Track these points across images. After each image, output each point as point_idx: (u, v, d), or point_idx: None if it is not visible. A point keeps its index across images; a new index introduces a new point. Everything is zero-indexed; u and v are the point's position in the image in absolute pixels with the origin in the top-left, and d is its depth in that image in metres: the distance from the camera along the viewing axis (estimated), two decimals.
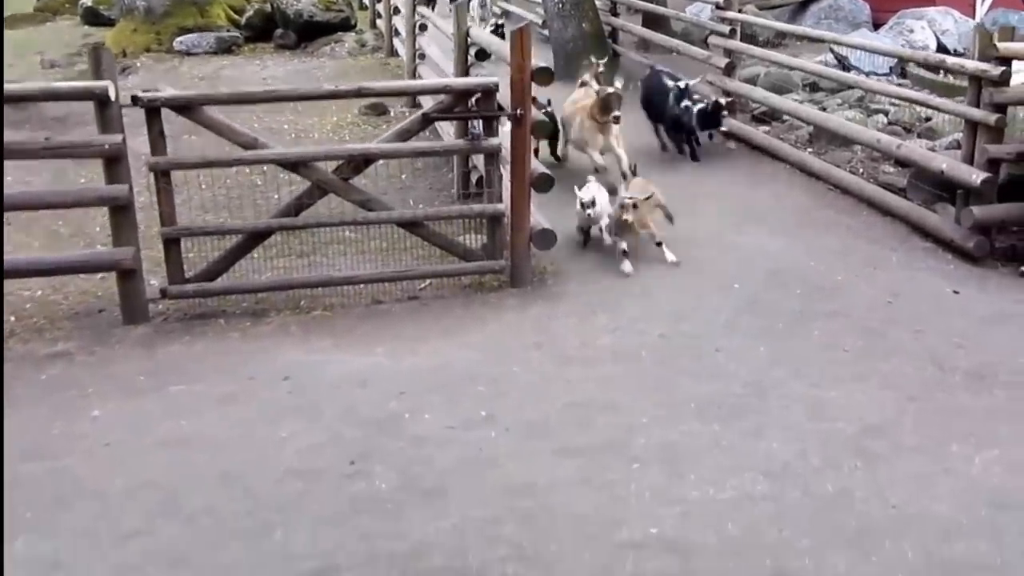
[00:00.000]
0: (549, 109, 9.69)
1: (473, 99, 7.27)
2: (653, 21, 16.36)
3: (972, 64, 8.05)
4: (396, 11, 16.12)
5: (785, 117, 11.82)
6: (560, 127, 9.99)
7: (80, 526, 4.52)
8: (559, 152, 10.25)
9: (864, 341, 6.45)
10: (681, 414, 5.46)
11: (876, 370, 6.05)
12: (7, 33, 20.85)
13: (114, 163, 6.65)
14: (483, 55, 9.55)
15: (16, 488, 4.79)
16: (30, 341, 6.64)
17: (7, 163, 9.56)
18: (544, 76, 7.33)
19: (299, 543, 4.35)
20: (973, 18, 16.86)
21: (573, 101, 9.91)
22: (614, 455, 5.03)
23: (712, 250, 7.92)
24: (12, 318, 6.98)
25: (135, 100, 6.61)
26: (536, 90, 7.35)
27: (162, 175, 6.80)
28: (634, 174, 8.76)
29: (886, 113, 11.58)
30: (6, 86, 6.90)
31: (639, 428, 5.30)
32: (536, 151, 8.48)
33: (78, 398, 5.81)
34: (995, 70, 7.71)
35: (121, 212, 6.76)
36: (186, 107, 6.84)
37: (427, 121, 7.46)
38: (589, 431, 5.28)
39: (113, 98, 6.51)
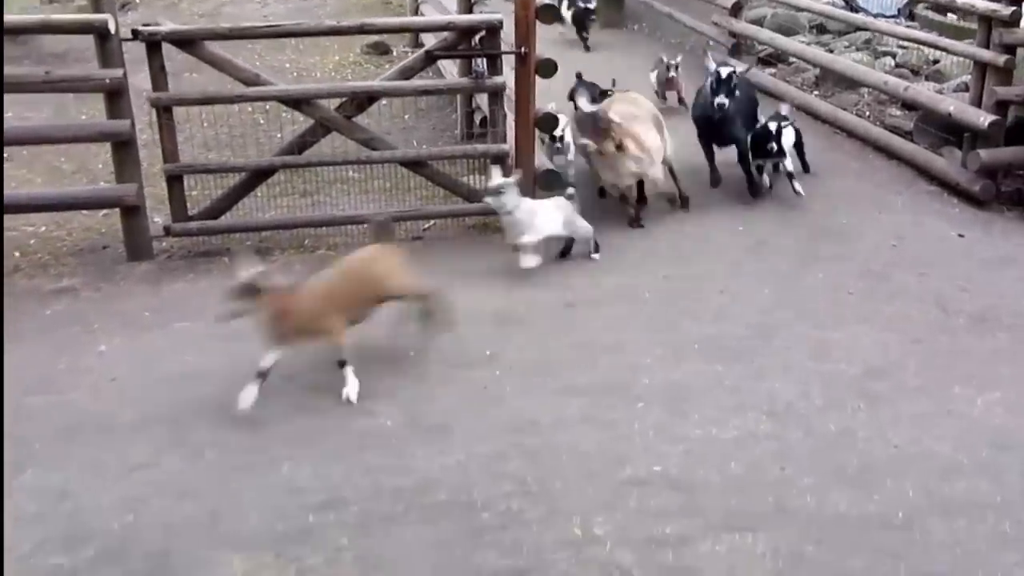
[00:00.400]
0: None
1: (477, 37, 7.19)
2: None
3: (982, 4, 7.95)
4: None
5: (791, 59, 11.71)
6: None
7: (87, 458, 4.55)
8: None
9: (869, 284, 6.45)
10: (685, 354, 5.48)
11: (880, 312, 6.06)
12: None
13: (115, 98, 6.60)
14: None
15: (24, 421, 4.83)
16: (35, 277, 6.65)
17: (7, 97, 9.56)
18: (548, 14, 7.24)
19: (305, 477, 4.39)
20: None
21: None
22: (618, 394, 5.05)
23: (717, 192, 7.88)
24: (17, 253, 6.98)
25: (135, 34, 6.54)
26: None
27: (164, 111, 6.75)
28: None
29: (893, 55, 11.47)
30: (7, 17, 6.83)
31: (643, 368, 5.32)
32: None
33: (83, 333, 5.83)
34: (1006, 10, 7.63)
35: (123, 148, 6.73)
36: (187, 42, 6.76)
37: (430, 59, 7.38)
38: (593, 371, 5.31)
39: (113, 31, 6.44)
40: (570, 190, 6.82)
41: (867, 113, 10.16)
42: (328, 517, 4.11)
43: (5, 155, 8.74)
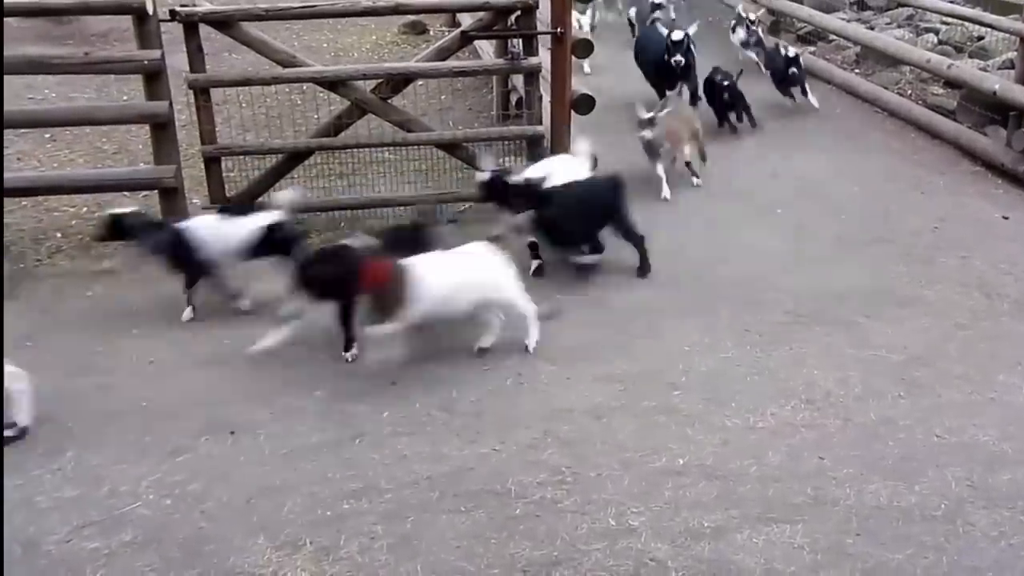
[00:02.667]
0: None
1: (513, 17, 7.12)
2: None
3: None
4: None
5: (831, 37, 11.55)
6: None
7: (126, 442, 4.59)
8: None
9: (910, 267, 6.36)
10: (722, 341, 5.43)
11: (922, 297, 5.98)
12: None
13: (154, 79, 6.61)
14: None
15: (64, 402, 4.88)
16: (76, 258, 6.72)
17: (50, 78, 9.65)
18: None
19: (338, 464, 4.39)
20: None
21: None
22: (654, 382, 5.01)
23: (755, 176, 7.80)
24: (58, 234, 7.06)
25: (173, 15, 6.54)
26: None
27: (201, 92, 6.76)
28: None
29: (936, 32, 11.27)
30: None
31: (679, 355, 5.28)
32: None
33: (124, 315, 5.88)
34: None
35: (162, 129, 6.75)
36: (224, 23, 6.75)
37: (466, 39, 7.32)
38: (629, 358, 5.27)
39: (151, 12, 6.45)
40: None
41: (909, 92, 10.02)
42: (362, 504, 4.12)
43: (48, 135, 8.88)
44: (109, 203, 7.49)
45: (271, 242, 5.65)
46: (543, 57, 7.10)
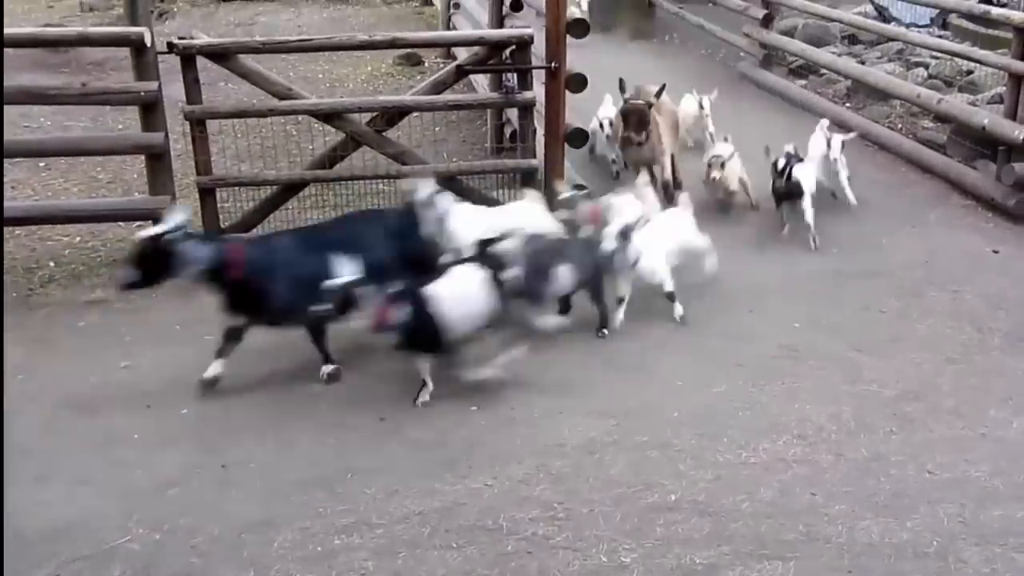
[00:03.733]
0: None
1: (507, 51, 7.18)
2: None
3: (1018, 15, 7.87)
4: None
5: (823, 70, 11.61)
6: None
7: (116, 474, 4.58)
8: None
9: (901, 301, 6.38)
10: (714, 376, 5.43)
11: (913, 331, 6.00)
12: None
13: (150, 110, 6.64)
14: (518, 5, 9.40)
15: (54, 434, 4.88)
16: (69, 287, 6.71)
17: (46, 108, 9.68)
18: (579, 28, 7.21)
19: (330, 499, 4.38)
20: None
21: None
22: (647, 417, 5.02)
23: (743, 210, 7.83)
24: (52, 263, 7.05)
25: (171, 47, 6.57)
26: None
27: (198, 123, 6.79)
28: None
29: (926, 66, 11.33)
30: (44, 29, 6.92)
31: (671, 390, 5.29)
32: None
33: (115, 346, 5.87)
34: None
35: (157, 160, 6.77)
36: (221, 55, 6.79)
37: (461, 73, 7.37)
38: (621, 392, 5.27)
39: (149, 44, 6.49)
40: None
41: (899, 125, 10.07)
42: (353, 540, 4.11)
43: (43, 163, 8.89)
44: (103, 232, 7.52)
45: None
46: (537, 91, 7.15)
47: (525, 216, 6.12)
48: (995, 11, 8.87)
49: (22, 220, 7.08)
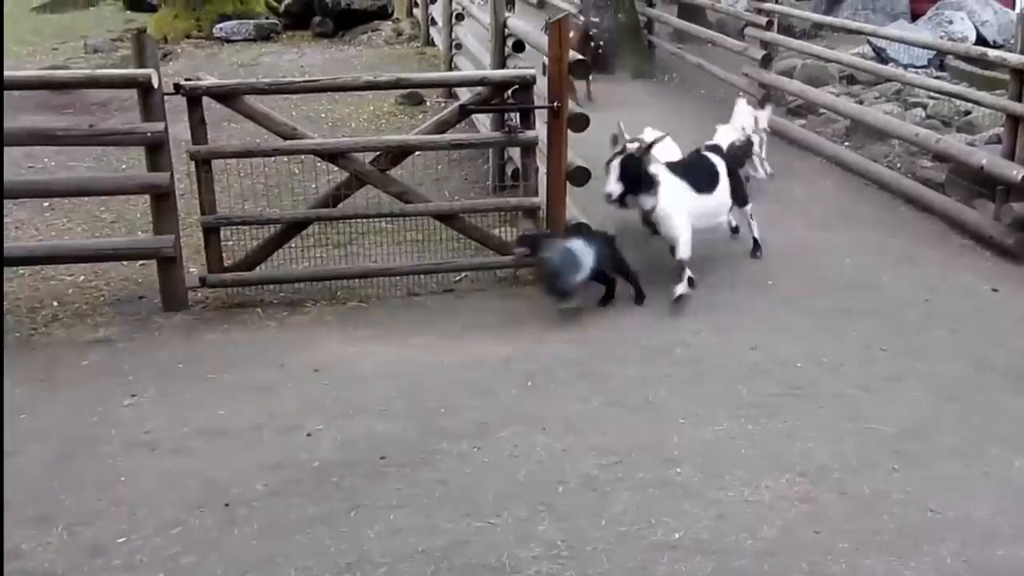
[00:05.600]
0: None
1: (510, 91, 7.26)
2: (689, 12, 16.28)
3: (1015, 57, 7.95)
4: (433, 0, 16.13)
5: (821, 110, 11.73)
6: None
7: (119, 513, 4.57)
8: None
9: (902, 340, 6.40)
10: (716, 414, 5.44)
11: (914, 370, 6.01)
12: (53, 18, 21.28)
13: (156, 151, 6.71)
14: (520, 46, 9.52)
15: (57, 473, 4.88)
16: (72, 326, 6.73)
17: (52, 148, 9.77)
18: (581, 69, 7.31)
19: (332, 537, 4.38)
20: (1013, 9, 16.58)
21: None
22: (649, 454, 5.02)
23: (745, 245, 7.88)
24: (55, 303, 7.08)
25: (177, 88, 6.66)
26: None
27: (202, 163, 6.86)
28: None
29: (924, 106, 11.46)
30: (52, 72, 6.99)
31: (674, 428, 5.30)
32: None
33: (118, 385, 5.88)
34: None
35: (162, 200, 6.83)
36: (227, 96, 6.88)
37: (464, 113, 7.46)
38: (624, 430, 5.28)
39: (156, 86, 6.57)
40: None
41: (898, 165, 10.15)
42: None
43: (47, 203, 8.95)
44: (106, 271, 7.56)
45: None
46: (540, 130, 7.22)
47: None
48: (992, 53, 8.98)
49: (26, 260, 7.13)
